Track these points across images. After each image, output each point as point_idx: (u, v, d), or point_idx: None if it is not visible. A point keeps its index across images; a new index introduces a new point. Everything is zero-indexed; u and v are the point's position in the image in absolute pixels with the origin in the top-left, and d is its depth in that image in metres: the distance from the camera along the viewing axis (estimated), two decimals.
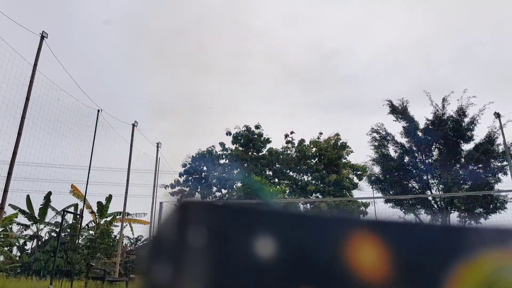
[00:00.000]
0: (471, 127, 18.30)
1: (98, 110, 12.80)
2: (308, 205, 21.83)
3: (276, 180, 22.70)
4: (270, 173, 22.99)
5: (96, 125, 12.68)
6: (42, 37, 9.43)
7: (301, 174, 22.98)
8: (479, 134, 18.40)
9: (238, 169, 22.49)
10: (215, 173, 22.37)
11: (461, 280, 0.36)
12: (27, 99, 9.12)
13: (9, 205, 19.56)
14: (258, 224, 0.35)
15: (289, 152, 23.39)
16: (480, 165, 18.03)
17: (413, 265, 0.36)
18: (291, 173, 22.95)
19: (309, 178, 22.55)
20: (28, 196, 20.72)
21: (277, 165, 22.82)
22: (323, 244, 0.35)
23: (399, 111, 19.28)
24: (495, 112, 15.95)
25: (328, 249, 0.34)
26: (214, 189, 22.44)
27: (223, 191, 22.41)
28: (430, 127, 18.72)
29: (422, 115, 19.95)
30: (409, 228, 0.38)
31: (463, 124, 18.34)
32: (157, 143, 16.50)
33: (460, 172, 18.38)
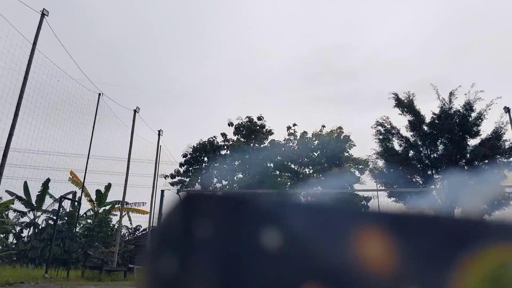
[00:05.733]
0: (478, 122, 17.98)
1: (99, 94, 12.41)
2: (309, 197, 21.55)
3: (278, 172, 22.39)
4: (272, 165, 22.66)
5: (96, 109, 12.29)
6: (43, 15, 9.01)
7: (303, 167, 22.68)
8: (485, 129, 18.11)
9: (240, 161, 22.16)
10: (216, 164, 22.04)
11: (465, 274, 0.36)
12: (25, 78, 8.73)
13: (6, 191, 19.23)
14: (264, 215, 0.35)
15: (291, 144, 23.07)
16: (486, 161, 17.75)
17: (419, 258, 0.36)
18: (292, 166, 22.64)
19: (311, 171, 22.26)
20: (25, 183, 20.37)
21: (278, 157, 22.49)
22: (330, 236, 0.35)
23: (405, 105, 18.94)
24: (505, 106, 15.61)
25: (335, 241, 0.35)
26: (215, 180, 22.12)
27: (224, 182, 22.10)
28: (436, 121, 18.40)
29: (426, 109, 19.61)
30: (415, 220, 0.39)
31: (470, 119, 18.03)
32: (159, 131, 16.15)
33: (465, 167, 18.11)
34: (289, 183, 20.66)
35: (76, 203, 17.16)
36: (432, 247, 0.36)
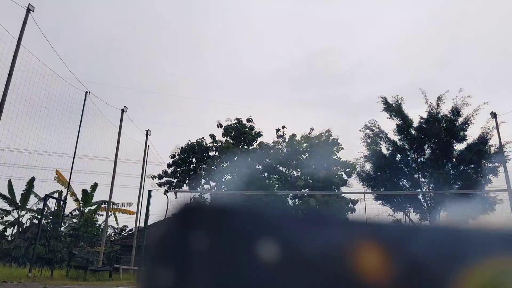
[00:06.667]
0: (464, 127, 18.19)
1: (86, 92, 12.26)
2: (297, 200, 21.60)
3: (266, 174, 22.38)
4: (260, 167, 22.65)
5: (83, 108, 12.14)
6: (28, 10, 8.89)
7: (291, 169, 22.70)
8: (472, 134, 18.32)
9: (228, 162, 22.11)
10: (204, 165, 21.95)
11: (464, 283, 0.36)
12: (10, 75, 8.59)
13: None
14: (261, 227, 0.36)
15: (279, 146, 23.08)
16: (472, 166, 17.97)
17: (416, 267, 0.36)
18: (281, 168, 22.65)
19: (299, 174, 22.30)
20: (10, 181, 20.03)
21: (267, 159, 22.48)
22: (327, 246, 0.36)
23: (393, 109, 19.11)
24: (492, 112, 15.85)
25: (331, 252, 0.35)
26: (203, 181, 22.03)
27: (212, 183, 22.02)
28: (423, 125, 18.58)
29: (414, 114, 19.87)
30: (411, 230, 0.39)
31: (457, 124, 18.24)
32: (147, 131, 16.02)
33: (451, 172, 18.32)
34: (277, 185, 20.67)
35: (61, 202, 16.92)
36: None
